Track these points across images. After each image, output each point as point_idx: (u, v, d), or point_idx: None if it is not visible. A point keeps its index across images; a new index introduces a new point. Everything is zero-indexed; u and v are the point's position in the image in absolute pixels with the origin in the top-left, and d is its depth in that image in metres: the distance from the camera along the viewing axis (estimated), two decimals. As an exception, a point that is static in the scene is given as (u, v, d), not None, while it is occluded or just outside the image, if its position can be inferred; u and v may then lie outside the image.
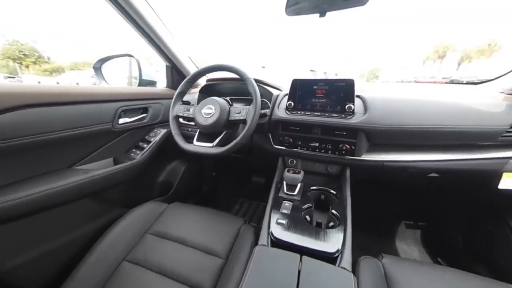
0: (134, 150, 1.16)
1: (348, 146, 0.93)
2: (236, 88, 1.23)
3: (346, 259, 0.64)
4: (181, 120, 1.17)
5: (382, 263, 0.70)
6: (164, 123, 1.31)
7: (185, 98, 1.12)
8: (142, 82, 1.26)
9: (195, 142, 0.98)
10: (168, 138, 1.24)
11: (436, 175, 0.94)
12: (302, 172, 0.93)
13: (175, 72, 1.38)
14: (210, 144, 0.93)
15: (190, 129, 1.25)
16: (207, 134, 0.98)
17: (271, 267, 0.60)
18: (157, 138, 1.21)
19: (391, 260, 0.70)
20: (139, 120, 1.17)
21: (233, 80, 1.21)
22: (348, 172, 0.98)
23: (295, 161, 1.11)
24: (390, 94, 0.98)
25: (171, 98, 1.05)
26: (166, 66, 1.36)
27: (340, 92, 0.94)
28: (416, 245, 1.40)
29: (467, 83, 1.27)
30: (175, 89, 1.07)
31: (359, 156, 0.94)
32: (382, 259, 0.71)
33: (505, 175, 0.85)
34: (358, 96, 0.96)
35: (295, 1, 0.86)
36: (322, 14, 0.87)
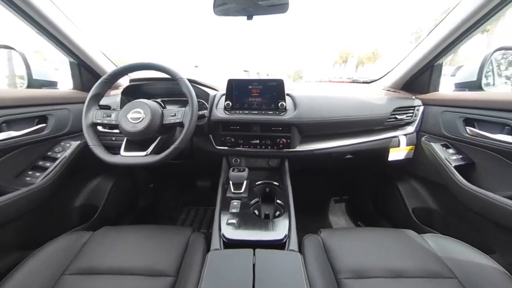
0: (30, 172, 0.88)
1: (284, 140, 1.03)
2: (167, 89, 1.12)
3: (293, 242, 0.71)
4: (100, 128, 0.97)
5: (321, 237, 0.81)
6: (75, 133, 1.05)
7: (103, 102, 0.94)
8: (34, 83, 0.97)
9: (122, 152, 0.84)
10: (84, 152, 1.01)
11: (350, 156, 1.18)
12: (246, 170, 0.96)
13: (85, 71, 1.13)
14: (143, 153, 0.82)
15: (114, 138, 1.06)
16: (138, 142, 0.85)
17: (226, 269, 0.59)
18: (67, 153, 0.96)
19: (327, 233, 0.83)
20: (34, 132, 0.89)
21: (163, 80, 1.10)
22: (286, 163, 1.09)
23: (239, 160, 1.13)
24: (313, 92, 1.16)
25: (82, 103, 0.86)
26: (70, 63, 1.09)
27: (273, 91, 1.02)
28: (343, 215, 1.71)
29: (363, 82, 1.64)
30: (87, 91, 0.87)
31: (294, 148, 1.06)
32: (320, 234, 0.83)
33: (391, 150, 1.15)
34: (288, 95, 1.06)
35: (223, 2, 0.87)
36: (249, 17, 0.92)
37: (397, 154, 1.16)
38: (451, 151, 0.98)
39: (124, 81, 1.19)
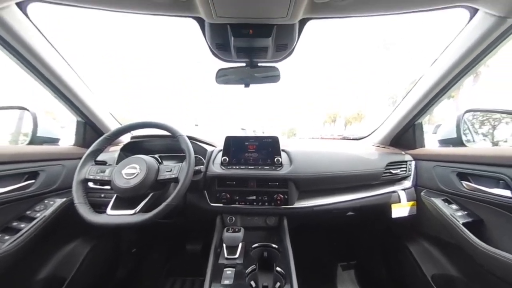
0: (0, 235, 0.78)
1: (281, 196, 1.00)
2: (166, 145, 1.15)
3: None
4: (91, 184, 0.94)
5: None
6: (63, 190, 1.01)
7: (101, 157, 0.94)
8: (37, 140, 0.99)
9: (109, 210, 0.78)
10: (67, 211, 0.94)
11: (352, 213, 1.12)
12: (242, 230, 0.88)
13: (89, 129, 1.18)
14: (132, 211, 0.76)
15: (103, 195, 1.01)
16: (128, 199, 0.81)
17: None
18: (48, 212, 0.89)
19: None
20: (21, 189, 0.85)
21: (163, 137, 1.15)
22: (285, 222, 1.02)
23: (234, 218, 1.06)
24: (307, 148, 1.20)
25: (79, 158, 0.86)
26: (78, 121, 1.16)
27: (268, 147, 1.06)
28: (353, 285, 1.47)
29: (353, 139, 1.74)
30: (87, 147, 0.89)
31: (292, 204, 1.01)
32: None
33: (393, 206, 1.11)
34: (283, 150, 1.10)
35: (224, 73, 1.02)
36: (247, 85, 1.06)
37: (400, 210, 1.11)
38: (454, 206, 0.95)
39: (125, 138, 1.24)
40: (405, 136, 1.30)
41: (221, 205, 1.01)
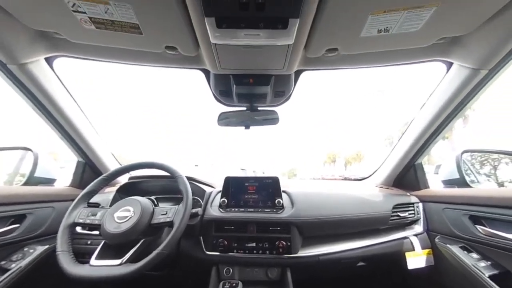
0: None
1: (284, 243, 0.92)
2: (163, 186, 1.12)
3: None
4: (78, 229, 0.88)
5: None
6: (48, 236, 0.93)
7: (95, 199, 0.91)
8: (32, 180, 0.97)
9: (93, 260, 0.71)
10: (47, 260, 0.84)
11: (363, 263, 1.01)
12: (240, 284, 0.78)
13: (88, 169, 1.18)
14: (117, 261, 0.69)
15: (89, 242, 0.93)
16: (116, 246, 0.74)
17: None
18: (24, 262, 0.80)
19: None
20: (1, 234, 0.79)
21: (162, 178, 1.13)
22: (289, 275, 0.91)
23: (231, 270, 0.94)
24: (309, 189, 1.17)
25: (73, 200, 0.83)
26: (78, 162, 1.16)
27: (269, 188, 1.03)
28: None
29: (355, 179, 1.71)
30: (83, 188, 0.87)
31: (296, 253, 0.92)
32: None
33: (407, 255, 1.00)
34: (284, 191, 1.07)
35: (225, 116, 1.07)
36: (247, 127, 1.11)
37: (416, 260, 1.00)
38: (475, 255, 0.86)
39: (122, 179, 1.22)
40: (407, 176, 1.28)
41: (217, 253, 0.92)
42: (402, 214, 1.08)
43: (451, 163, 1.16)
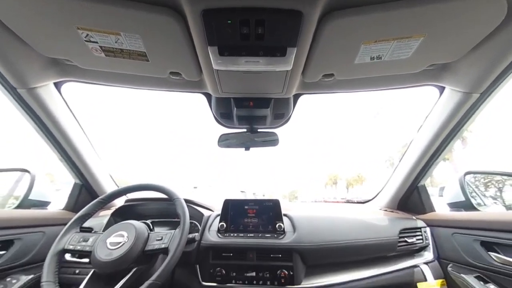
0: None
1: (286, 272, 0.86)
2: (160, 209, 1.09)
3: None
4: (67, 256, 0.83)
5: None
6: (35, 264, 0.87)
7: (89, 223, 0.87)
8: (25, 203, 0.95)
9: None
10: None
11: None
12: None
13: (85, 192, 1.15)
14: None
15: (78, 271, 0.87)
16: (106, 275, 0.69)
17: None
18: None
19: None
20: None
21: (159, 200, 1.10)
22: None
23: None
24: (311, 212, 1.13)
25: (65, 224, 0.79)
26: (75, 184, 1.14)
27: (269, 211, 1.00)
28: None
29: (358, 202, 1.66)
30: (77, 211, 0.84)
31: (299, 284, 0.86)
32: None
33: (419, 286, 0.93)
34: (285, 215, 1.03)
35: (225, 138, 1.09)
36: (247, 149, 1.11)
37: (429, 292, 0.92)
38: (492, 287, 0.80)
39: (119, 201, 1.18)
40: (412, 199, 1.24)
41: (214, 284, 0.85)
42: (409, 240, 1.03)
43: (455, 185, 1.13)
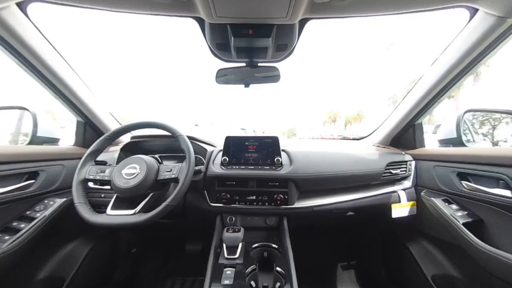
0: (0, 235, 0.79)
1: (281, 196, 1.00)
2: (166, 145, 1.15)
3: None
4: (91, 184, 0.94)
5: None
6: (63, 190, 1.01)
7: (102, 157, 0.94)
8: (36, 140, 0.99)
9: (109, 210, 0.78)
10: (66, 211, 0.94)
11: (352, 213, 1.12)
12: (242, 230, 0.88)
13: (90, 129, 1.18)
14: (131, 211, 0.76)
15: (103, 195, 1.01)
16: (128, 199, 0.81)
17: None
18: (48, 212, 0.89)
19: None
20: (21, 189, 0.85)
21: (163, 137, 1.15)
22: (285, 222, 1.02)
23: (234, 218, 1.06)
24: (307, 148, 1.20)
25: (79, 158, 0.86)
26: (78, 121, 1.16)
27: (268, 147, 1.06)
28: (353, 285, 1.47)
29: (353, 139, 1.74)
30: (87, 147, 0.89)
31: (292, 204, 1.01)
32: None
33: (393, 206, 1.11)
34: (283, 150, 1.10)
35: (224, 73, 1.02)
36: (247, 85, 1.06)
37: (400, 210, 1.11)
38: (454, 206, 0.95)
39: (125, 138, 1.24)
40: (405, 136, 1.30)
41: (221, 205, 1.01)
42: (394, 171, 1.15)
43: (451, 123, 1.16)
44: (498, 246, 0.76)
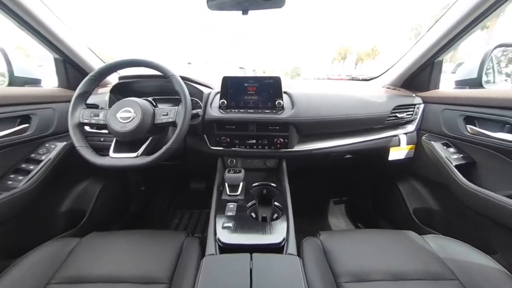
0: (12, 176, 0.83)
1: (281, 140, 1.00)
2: (158, 86, 1.07)
3: (291, 245, 0.68)
4: (87, 128, 0.93)
5: (320, 240, 0.79)
6: (61, 134, 1.00)
7: (92, 100, 0.89)
8: (16, 81, 0.91)
9: (111, 153, 0.80)
10: (70, 153, 0.96)
11: (350, 156, 1.15)
12: (242, 171, 0.92)
13: (71, 68, 1.07)
14: (134, 154, 0.78)
15: (103, 139, 1.01)
16: (128, 142, 0.81)
17: (222, 275, 0.57)
18: (52, 155, 0.91)
19: (326, 236, 0.81)
20: (17, 133, 0.84)
21: (154, 77, 1.05)
22: (284, 164, 1.06)
23: (234, 160, 1.10)
24: (311, 90, 1.12)
25: (68, 101, 0.81)
26: (55, 59, 1.03)
27: (269, 89, 0.98)
28: (342, 217, 1.69)
29: (362, 79, 1.61)
30: (73, 89, 0.83)
31: (292, 148, 1.03)
32: (319, 237, 0.80)
33: (391, 149, 1.13)
34: (285, 92, 1.03)
35: (216, -6, 0.82)
36: (245, 12, 0.88)
37: (397, 153, 1.13)
38: (452, 150, 0.96)
39: (113, 79, 1.14)
40: (420, 76, 1.18)
41: (221, 148, 1.03)
42: (399, 115, 1.10)
43: (475, 61, 1.02)
44: (482, 185, 0.81)
